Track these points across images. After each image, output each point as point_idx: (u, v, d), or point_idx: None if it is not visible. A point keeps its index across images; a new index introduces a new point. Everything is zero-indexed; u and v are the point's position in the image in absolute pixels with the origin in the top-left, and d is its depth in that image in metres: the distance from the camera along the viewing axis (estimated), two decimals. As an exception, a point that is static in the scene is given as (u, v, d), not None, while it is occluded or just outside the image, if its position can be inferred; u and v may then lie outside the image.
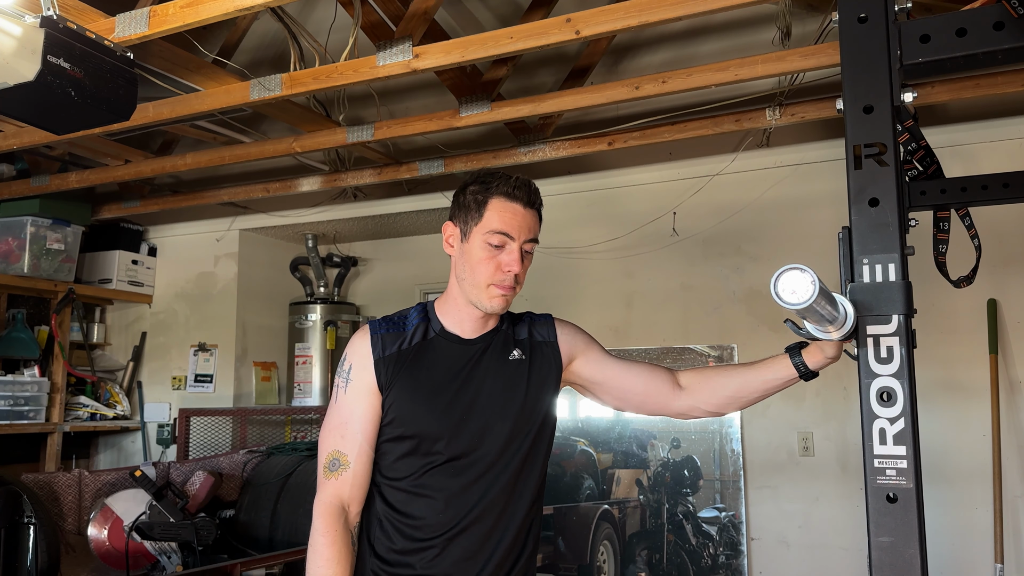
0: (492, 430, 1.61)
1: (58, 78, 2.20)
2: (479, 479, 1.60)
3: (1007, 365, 3.45)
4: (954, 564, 3.42)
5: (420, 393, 1.60)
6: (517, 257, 1.58)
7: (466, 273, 1.62)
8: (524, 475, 1.64)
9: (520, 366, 1.68)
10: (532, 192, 1.63)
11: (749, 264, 3.99)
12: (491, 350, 1.67)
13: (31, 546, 3.10)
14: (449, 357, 1.64)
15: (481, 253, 1.59)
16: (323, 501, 1.59)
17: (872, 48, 1.13)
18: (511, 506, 1.62)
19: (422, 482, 1.60)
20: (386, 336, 1.63)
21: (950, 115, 3.64)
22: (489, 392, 1.63)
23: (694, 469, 4.02)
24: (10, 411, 4.52)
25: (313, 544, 1.56)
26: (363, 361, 1.62)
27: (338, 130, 3.65)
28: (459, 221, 1.65)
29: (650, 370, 1.75)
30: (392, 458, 1.62)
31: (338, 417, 1.63)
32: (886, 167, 1.09)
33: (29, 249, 4.63)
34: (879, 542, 1.03)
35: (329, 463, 1.61)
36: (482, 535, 1.59)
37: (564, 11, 2.78)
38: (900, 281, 1.08)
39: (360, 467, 1.60)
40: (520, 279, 1.62)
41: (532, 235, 1.62)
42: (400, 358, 1.62)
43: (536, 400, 1.67)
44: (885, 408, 1.05)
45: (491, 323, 1.70)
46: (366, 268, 5.53)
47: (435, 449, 1.59)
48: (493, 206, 1.59)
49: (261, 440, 4.85)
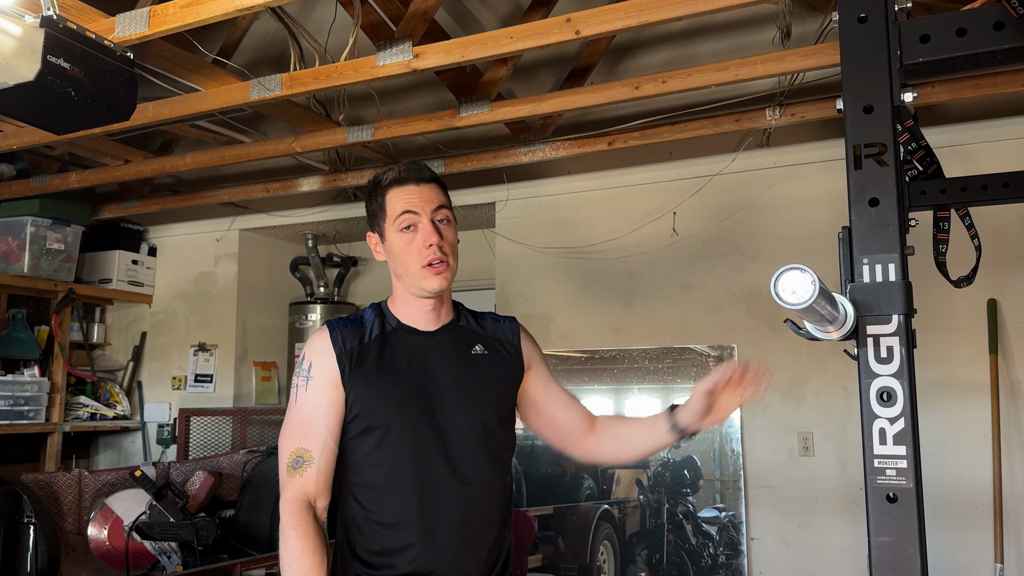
0: (457, 422, 1.62)
1: (58, 78, 2.20)
2: (447, 472, 1.60)
3: (1007, 365, 3.45)
4: (954, 564, 3.42)
5: (384, 383, 1.61)
6: (431, 229, 1.63)
7: (399, 268, 1.66)
8: (491, 468, 1.66)
9: (482, 361, 1.70)
10: (420, 167, 1.69)
11: (749, 264, 3.99)
12: (451, 343, 1.69)
13: (31, 546, 3.10)
14: (409, 348, 1.66)
15: (400, 242, 1.64)
16: (289, 499, 1.57)
17: (872, 48, 1.13)
18: (483, 498, 1.63)
19: (391, 478, 1.60)
20: (345, 332, 1.64)
21: (950, 115, 3.64)
22: (452, 384, 1.65)
23: (694, 469, 4.02)
24: (10, 411, 4.52)
25: (285, 540, 1.54)
26: (324, 357, 1.62)
27: (338, 130, 3.65)
28: (375, 227, 1.71)
29: (579, 410, 1.80)
30: (359, 455, 1.62)
31: (299, 416, 1.61)
32: (886, 167, 1.09)
33: (29, 249, 4.63)
34: (879, 542, 1.03)
35: (292, 461, 1.59)
36: (459, 528, 1.59)
37: (564, 11, 2.78)
38: (900, 281, 1.08)
39: (325, 462, 1.59)
40: (448, 251, 1.65)
41: (437, 204, 1.66)
42: (362, 351, 1.62)
43: (499, 395, 1.70)
44: (885, 408, 1.05)
45: (445, 315, 1.72)
46: (366, 268, 5.53)
47: (401, 440, 1.59)
48: (391, 197, 1.66)
49: (261, 440, 4.85)
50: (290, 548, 1.53)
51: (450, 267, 1.65)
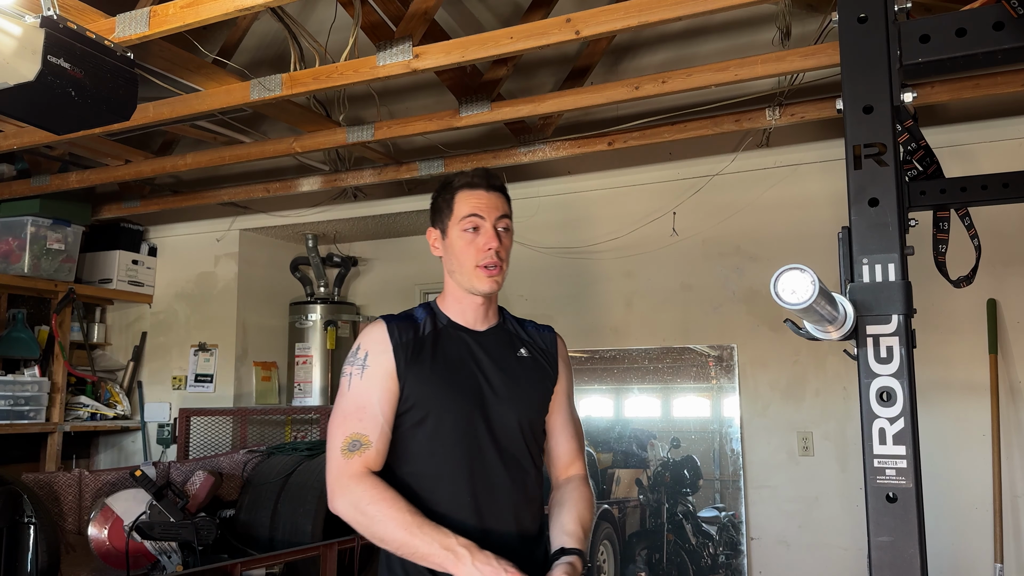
0: (505, 418, 1.69)
1: (58, 78, 2.20)
2: (499, 463, 1.66)
3: (1007, 365, 3.45)
4: (954, 564, 3.42)
5: (438, 375, 1.67)
6: (492, 234, 1.71)
7: (455, 265, 1.74)
8: (533, 465, 1.73)
9: (525, 364, 1.78)
10: (491, 176, 1.78)
11: (749, 264, 3.99)
12: (499, 343, 1.77)
13: (31, 546, 3.10)
14: (460, 345, 1.73)
15: (461, 242, 1.72)
16: (351, 472, 1.59)
17: (872, 48, 1.13)
18: (528, 491, 1.71)
19: (444, 467, 1.64)
20: (401, 326, 1.70)
21: (950, 115, 3.64)
22: (500, 382, 1.71)
23: (694, 469, 4.02)
24: (10, 411, 4.52)
25: (359, 501, 1.56)
26: (380, 348, 1.67)
27: (338, 130, 3.65)
28: (437, 223, 1.79)
29: (570, 446, 1.82)
30: (414, 445, 1.66)
31: (353, 403, 1.65)
32: (886, 167, 1.09)
33: (29, 249, 4.63)
34: (879, 542, 1.03)
35: (348, 445, 1.62)
36: (509, 518, 1.65)
37: (564, 11, 2.78)
38: (900, 281, 1.08)
39: (381, 446, 1.63)
40: (503, 257, 1.73)
41: (501, 212, 1.75)
42: (417, 345, 1.69)
43: (540, 397, 1.78)
44: (885, 408, 1.05)
45: (492, 316, 1.80)
46: (366, 268, 5.53)
47: (455, 431, 1.65)
48: (460, 198, 1.74)
49: (261, 440, 4.86)
50: (379, 498, 1.55)
51: (503, 272, 1.73)
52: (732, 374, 3.97)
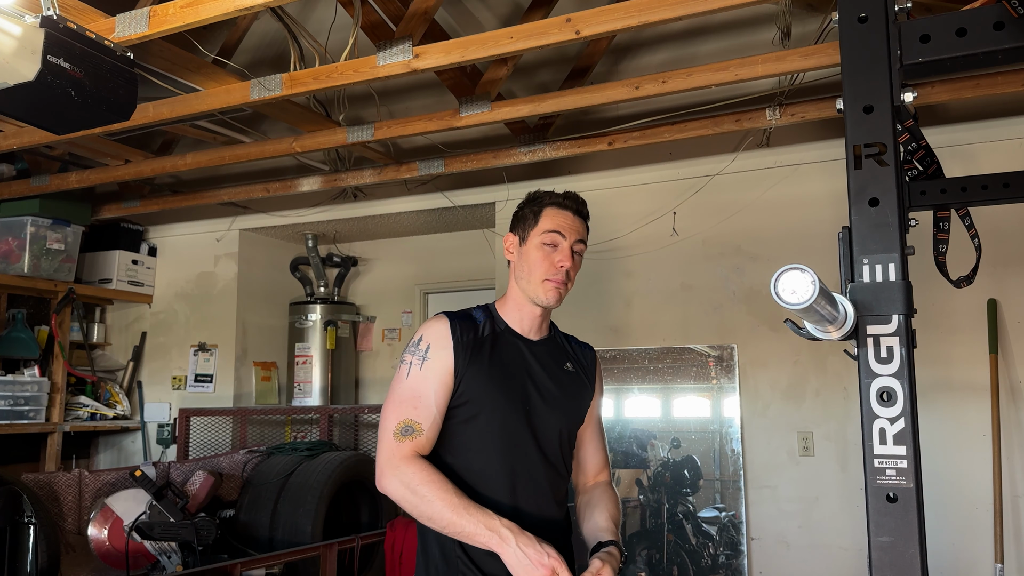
0: (549, 423, 1.79)
1: (58, 78, 2.20)
2: (539, 465, 1.76)
3: (1007, 365, 3.45)
4: (954, 564, 3.42)
5: (494, 377, 1.75)
6: (568, 254, 1.80)
7: (524, 272, 1.83)
8: (564, 472, 1.84)
9: (571, 377, 1.88)
10: (580, 203, 1.87)
11: (749, 264, 3.99)
12: (550, 355, 1.87)
13: (31, 546, 3.10)
14: (516, 351, 1.82)
15: (537, 253, 1.81)
16: (402, 454, 1.66)
17: (872, 48, 1.13)
18: (561, 494, 1.82)
19: (489, 463, 1.73)
20: (463, 324, 1.78)
21: (950, 115, 3.64)
22: (548, 389, 1.82)
23: (694, 469, 4.02)
24: (10, 411, 4.53)
25: (409, 481, 1.62)
26: (443, 342, 1.74)
27: (338, 130, 3.65)
28: (518, 230, 1.88)
29: (591, 463, 1.95)
30: (461, 439, 1.74)
31: (410, 391, 1.72)
32: (886, 167, 1.09)
33: (29, 249, 4.63)
34: (879, 542, 1.03)
35: (401, 429, 1.69)
36: (542, 515, 1.74)
37: (564, 11, 2.78)
38: (900, 281, 1.08)
39: (431, 435, 1.71)
40: (571, 276, 1.82)
41: (580, 237, 1.84)
42: (476, 345, 1.77)
43: (580, 409, 1.89)
44: (885, 408, 1.05)
45: (546, 328, 1.89)
46: (366, 268, 5.53)
47: (504, 431, 1.73)
48: (547, 213, 1.83)
49: (261, 440, 4.86)
50: (427, 481, 1.62)
51: (567, 289, 1.82)
52: (732, 374, 3.97)
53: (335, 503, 3.69)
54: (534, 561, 1.54)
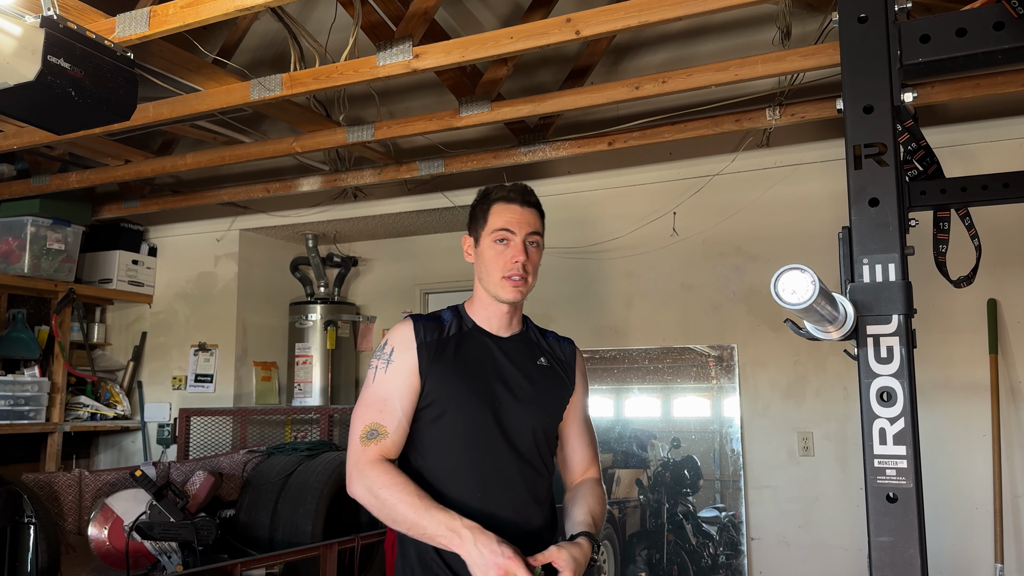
0: (521, 420, 1.77)
1: (58, 78, 2.20)
2: (510, 463, 1.74)
3: (1007, 365, 3.45)
4: (954, 564, 3.42)
5: (459, 376, 1.75)
6: (521, 249, 1.78)
7: (483, 272, 1.82)
8: (543, 468, 1.81)
9: (544, 372, 1.85)
10: (526, 192, 1.84)
11: (749, 264, 3.99)
12: (520, 350, 1.85)
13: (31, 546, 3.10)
14: (484, 348, 1.81)
15: (491, 252, 1.79)
16: (367, 459, 1.68)
17: (872, 48, 1.13)
18: (536, 491, 1.78)
19: (458, 464, 1.72)
20: (427, 325, 1.79)
21: (950, 115, 3.64)
22: (519, 386, 1.79)
23: (694, 469, 4.02)
24: (10, 411, 4.52)
25: (373, 485, 1.64)
26: (406, 344, 1.75)
27: (338, 130, 3.65)
28: (472, 231, 1.87)
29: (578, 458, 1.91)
30: (429, 440, 1.74)
31: (376, 395, 1.74)
32: (886, 167, 1.09)
33: (29, 249, 4.63)
34: (879, 542, 1.03)
35: (367, 433, 1.70)
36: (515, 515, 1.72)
37: (564, 11, 2.78)
38: (900, 281, 1.08)
39: (397, 438, 1.71)
40: (529, 270, 1.79)
41: (532, 229, 1.81)
42: (441, 345, 1.77)
43: (556, 405, 1.86)
44: (885, 408, 1.05)
45: (516, 324, 1.87)
46: (366, 268, 5.53)
47: (470, 430, 1.72)
48: (495, 210, 1.81)
49: (261, 440, 4.85)
50: (389, 484, 1.63)
51: (527, 284, 1.80)
52: (732, 374, 3.97)
53: (335, 503, 3.69)
54: (488, 561, 1.53)
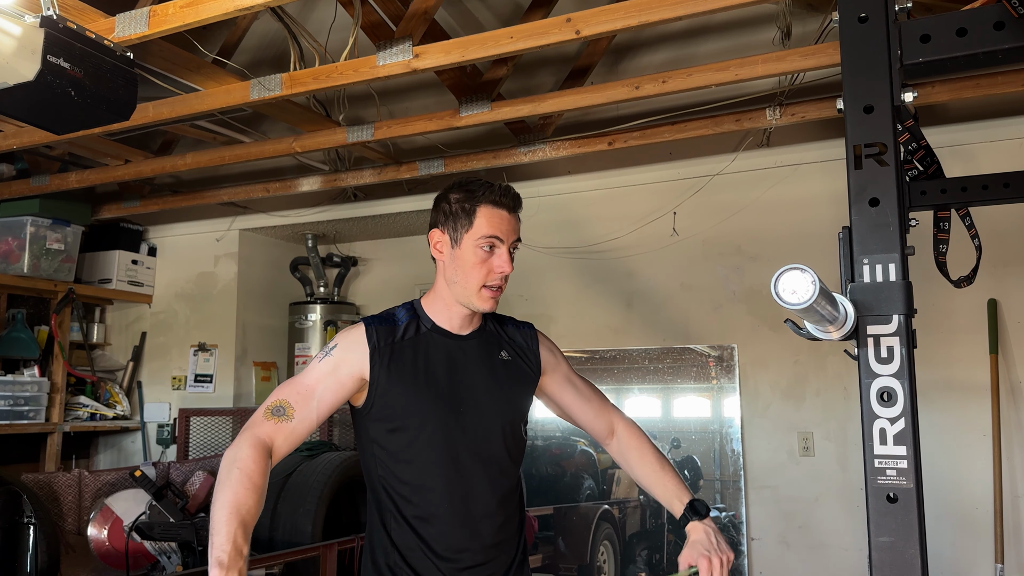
0: (485, 424, 1.71)
1: (58, 78, 2.20)
2: (477, 470, 1.69)
3: (1007, 365, 3.45)
4: (954, 564, 3.42)
5: (419, 384, 1.67)
6: (508, 259, 1.69)
7: (458, 277, 1.70)
8: (512, 468, 1.76)
9: (507, 366, 1.79)
10: (516, 199, 1.73)
11: (749, 264, 3.99)
12: (481, 348, 1.77)
13: (31, 546, 3.10)
14: (442, 351, 1.72)
15: (473, 258, 1.68)
16: (256, 434, 1.58)
17: (872, 48, 1.13)
18: (506, 495, 1.73)
19: (424, 475, 1.66)
20: (380, 329, 1.69)
21: (950, 115, 3.64)
22: (481, 387, 1.73)
23: (694, 469, 4.02)
24: (10, 411, 4.52)
25: (235, 460, 1.53)
26: (355, 347, 1.66)
27: (338, 130, 3.65)
28: (447, 228, 1.72)
29: (595, 412, 1.90)
30: (392, 451, 1.67)
31: (303, 382, 1.65)
32: (886, 167, 1.09)
33: (29, 249, 4.63)
34: (879, 542, 1.03)
35: (274, 408, 1.61)
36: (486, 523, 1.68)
37: (564, 11, 2.78)
38: (900, 281, 1.08)
39: (302, 428, 1.62)
40: (506, 280, 1.73)
41: (517, 236, 1.73)
42: (395, 349, 1.68)
43: (521, 399, 1.80)
44: (885, 408, 1.05)
45: (477, 320, 1.79)
46: (366, 268, 5.53)
47: (434, 439, 1.66)
48: (483, 213, 1.68)
49: (261, 440, 4.84)
50: (238, 470, 1.52)
51: (502, 293, 1.73)
52: (732, 374, 3.97)
53: (335, 503, 3.69)
54: None
